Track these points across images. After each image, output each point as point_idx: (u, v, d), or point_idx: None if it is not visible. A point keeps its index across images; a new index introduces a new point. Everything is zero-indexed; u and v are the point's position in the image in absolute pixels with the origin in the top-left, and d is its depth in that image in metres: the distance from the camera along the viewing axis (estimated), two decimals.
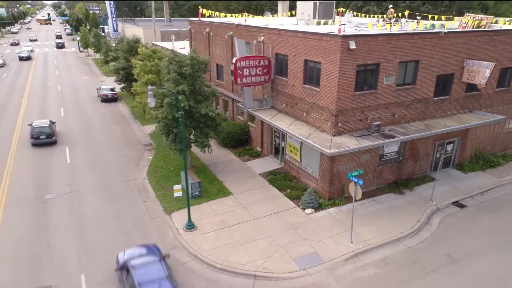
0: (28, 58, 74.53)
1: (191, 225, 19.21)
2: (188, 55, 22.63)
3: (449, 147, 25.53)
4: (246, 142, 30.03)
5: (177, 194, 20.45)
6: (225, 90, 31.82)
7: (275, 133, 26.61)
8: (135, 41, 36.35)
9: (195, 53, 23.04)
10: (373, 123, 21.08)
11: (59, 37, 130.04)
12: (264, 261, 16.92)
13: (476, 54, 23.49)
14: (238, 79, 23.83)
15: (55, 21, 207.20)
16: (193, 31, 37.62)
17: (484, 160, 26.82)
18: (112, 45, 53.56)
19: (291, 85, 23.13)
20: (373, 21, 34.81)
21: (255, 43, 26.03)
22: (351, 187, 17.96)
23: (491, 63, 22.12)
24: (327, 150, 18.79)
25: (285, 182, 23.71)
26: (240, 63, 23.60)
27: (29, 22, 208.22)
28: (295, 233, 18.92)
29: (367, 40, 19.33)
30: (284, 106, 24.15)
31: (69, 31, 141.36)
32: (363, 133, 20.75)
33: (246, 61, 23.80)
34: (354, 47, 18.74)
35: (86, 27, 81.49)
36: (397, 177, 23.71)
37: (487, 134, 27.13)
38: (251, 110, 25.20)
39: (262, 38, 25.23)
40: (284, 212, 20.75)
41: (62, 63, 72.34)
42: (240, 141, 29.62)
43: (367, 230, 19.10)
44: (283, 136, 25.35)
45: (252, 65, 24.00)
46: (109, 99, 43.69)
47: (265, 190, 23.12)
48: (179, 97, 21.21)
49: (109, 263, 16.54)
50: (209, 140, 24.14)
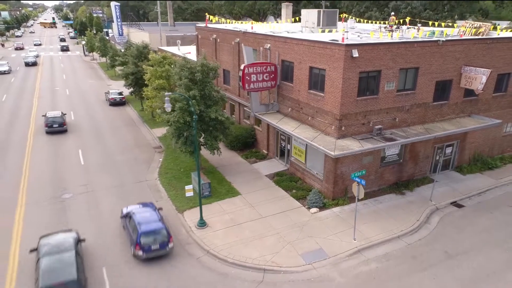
0: (34, 64, 74.50)
1: (203, 223, 20.51)
2: (199, 62, 23.99)
3: (448, 150, 26.79)
4: (253, 145, 31.37)
5: (189, 194, 21.88)
6: (232, 95, 33.17)
7: (281, 136, 27.93)
8: (144, 47, 37.82)
9: (205, 60, 24.40)
10: (375, 127, 22.37)
11: (63, 40, 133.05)
12: (273, 256, 18.19)
13: (474, 61, 24.78)
14: (246, 85, 25.17)
15: (58, 24, 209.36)
16: (200, 37, 39.01)
17: (482, 163, 28.06)
18: (121, 50, 55.04)
19: (297, 91, 24.47)
20: (375, 28, 36.24)
21: (262, 50, 27.39)
22: (354, 187, 19.25)
23: (488, 70, 23.41)
24: (332, 152, 20.11)
25: (291, 183, 25.01)
26: (248, 69, 24.95)
27: (32, 25, 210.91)
28: (301, 231, 20.19)
29: (369, 49, 20.66)
30: (290, 111, 25.48)
31: (73, 35, 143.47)
32: (366, 136, 22.05)
33: (254, 68, 25.15)
34: (357, 55, 20.06)
35: (92, 32, 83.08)
36: (398, 179, 24.98)
37: (485, 138, 28.37)
38: (258, 114, 26.54)
39: (269, 45, 26.59)
40: (290, 211, 22.03)
41: (68, 67, 73.97)
42: (247, 144, 30.96)
43: (369, 228, 20.35)
44: (289, 139, 26.67)
45: (259, 71, 25.34)
46: (117, 103, 45.18)
47: (272, 191, 24.43)
48: (191, 102, 22.55)
49: (127, 258, 17.90)
50: (218, 143, 25.45)
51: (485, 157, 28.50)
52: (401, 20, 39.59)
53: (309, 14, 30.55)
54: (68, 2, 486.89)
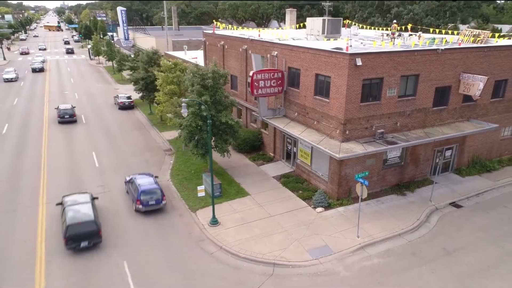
0: (41, 70, 73.60)
1: (215, 221, 21.95)
2: (210, 69, 25.50)
3: (448, 153, 28.17)
4: (259, 148, 32.83)
5: (201, 194, 23.35)
6: (239, 99, 34.61)
7: (287, 140, 29.39)
8: (154, 53, 39.39)
9: (216, 67, 25.90)
10: (377, 131, 23.81)
11: (67, 43, 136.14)
12: (282, 252, 19.61)
13: (472, 68, 26.21)
14: (255, 90, 26.63)
15: (63, 28, 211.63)
16: (208, 43, 40.54)
17: (481, 165, 29.44)
18: (130, 55, 56.67)
19: (303, 96, 25.94)
20: (378, 34, 37.75)
21: (269, 57, 28.89)
22: (358, 188, 20.68)
23: (485, 77, 24.85)
24: (337, 155, 21.55)
25: (297, 184, 26.44)
26: (256, 76, 26.43)
27: (35, 29, 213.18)
28: (308, 229, 21.60)
29: (372, 57, 22.13)
30: (296, 115, 26.93)
31: (77, 38, 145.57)
32: (368, 140, 23.49)
33: (262, 74, 26.62)
34: (361, 64, 21.52)
35: (98, 36, 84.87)
36: (400, 180, 26.39)
37: (484, 141, 29.77)
38: (266, 119, 28.01)
39: (276, 53, 28.08)
40: (297, 211, 23.46)
41: (75, 71, 75.69)
42: (254, 147, 32.42)
43: (372, 226, 21.76)
44: (295, 142, 28.12)
45: (267, 78, 26.82)
46: (126, 107, 46.75)
47: (279, 191, 25.86)
48: (203, 107, 24.05)
49: (147, 250, 19.38)
50: (228, 146, 26.91)
51: (484, 160, 29.88)
52: (403, 27, 41.09)
53: (314, 22, 32.04)
54: (70, 4, 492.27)
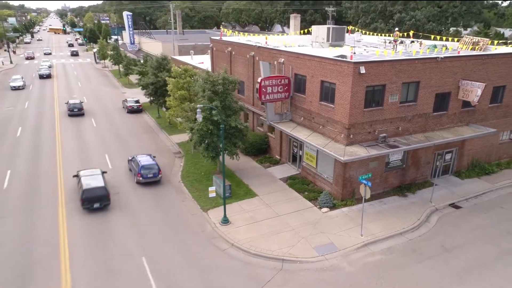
0: (49, 76, 72.80)
1: (226, 220, 23.39)
2: (220, 76, 27.00)
3: (448, 156, 29.59)
4: (266, 151, 34.29)
5: (212, 195, 24.83)
6: (246, 104, 36.03)
7: (293, 143, 30.85)
8: (163, 59, 40.97)
9: (226, 74, 27.40)
10: (380, 135, 25.24)
11: (71, 45, 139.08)
12: (290, 249, 21.02)
13: (471, 75, 27.62)
14: (262, 96, 28.11)
15: (68, 31, 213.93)
16: (215, 49, 42.07)
17: (480, 168, 30.83)
18: (139, 60, 58.31)
19: (309, 102, 27.41)
20: (380, 40, 39.25)
21: (276, 64, 30.37)
22: (362, 189, 22.12)
23: (482, 84, 26.28)
24: (341, 158, 23.00)
25: (303, 186, 27.88)
26: (264, 82, 27.92)
27: (38, 32, 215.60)
28: (314, 228, 23.02)
29: (375, 66, 23.59)
30: (302, 120, 28.40)
31: (81, 41, 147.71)
32: (371, 144, 24.92)
33: (269, 81, 28.10)
34: (364, 72, 22.99)
35: (104, 40, 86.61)
36: (401, 182, 27.80)
37: (483, 145, 31.16)
38: (273, 123, 29.48)
39: (283, 60, 29.58)
40: (304, 211, 24.89)
41: (82, 75, 77.42)
42: (261, 150, 33.89)
43: (375, 226, 23.16)
44: (301, 146, 29.58)
45: (274, 84, 28.29)
46: (135, 111, 48.32)
47: (286, 193, 27.30)
48: (214, 112, 25.55)
49: (164, 247, 20.85)
50: (237, 149, 28.37)
51: (483, 163, 31.26)
52: (405, 34, 42.57)
53: (319, 30, 33.57)
54: (71, 6, 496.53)
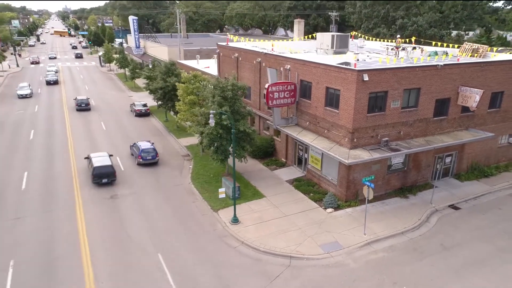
0: (56, 83, 72.00)
1: (236, 220, 24.82)
2: (230, 82, 28.47)
3: (448, 159, 30.98)
4: (272, 154, 35.73)
5: (221, 196, 26.30)
6: (252, 108, 37.48)
7: (299, 146, 32.29)
8: (172, 64, 42.52)
9: (235, 80, 28.88)
10: (382, 139, 26.65)
11: (75, 48, 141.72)
12: (297, 247, 22.42)
13: (469, 82, 29.02)
14: (270, 101, 29.57)
15: (72, 33, 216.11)
16: (222, 54, 43.59)
17: (479, 171, 32.19)
18: (148, 64, 59.87)
19: (314, 107, 28.86)
20: (383, 46, 40.71)
21: (283, 70, 31.84)
22: (365, 190, 23.53)
23: (480, 90, 27.68)
24: (346, 161, 24.43)
25: (308, 188, 29.30)
26: (271, 88, 29.38)
27: (41, 34, 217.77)
28: (319, 227, 24.43)
29: (377, 73, 25.04)
30: (308, 124, 29.84)
31: (85, 44, 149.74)
32: (374, 147, 26.34)
33: (276, 87, 29.56)
34: (367, 79, 24.44)
35: (109, 44, 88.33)
36: (403, 184, 29.19)
37: (482, 148, 32.53)
38: (280, 127, 30.93)
39: (289, 66, 31.05)
40: (309, 211, 26.30)
41: (88, 78, 79.13)
42: (267, 153, 35.33)
43: (377, 225, 24.55)
44: (306, 149, 31.01)
45: (281, 90, 29.74)
46: (143, 114, 49.89)
47: (292, 194, 28.72)
48: (224, 116, 27.02)
49: (178, 244, 22.29)
50: (245, 152, 29.80)
51: (482, 166, 32.63)
52: (407, 40, 44.04)
53: (324, 37, 35.06)
54: (72, 8, 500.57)
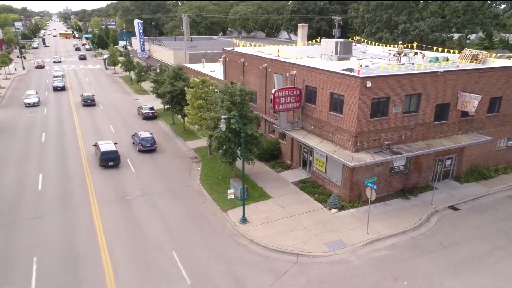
0: (63, 89, 71.17)
1: (245, 219, 26.25)
2: (238, 87, 29.95)
3: (448, 162, 32.37)
4: (277, 156, 37.18)
5: (230, 197, 27.71)
6: (259, 112, 38.97)
7: (304, 149, 33.73)
8: (180, 69, 44.08)
9: (243, 86, 30.36)
10: (385, 143, 28.06)
11: (78, 49, 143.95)
12: (303, 245, 23.84)
13: (469, 87, 30.40)
14: (276, 106, 31.01)
15: (75, 35, 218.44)
16: (228, 59, 45.09)
17: (478, 173, 33.55)
18: (155, 69, 61.54)
19: (319, 112, 30.30)
20: (385, 51, 42.14)
21: (288, 76, 33.30)
22: (368, 191, 24.95)
23: (479, 96, 29.07)
24: (349, 163, 25.86)
25: (313, 189, 30.73)
26: (278, 93, 30.82)
27: (43, 36, 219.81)
28: (324, 226, 25.84)
29: (380, 80, 26.47)
30: (313, 128, 31.27)
31: (88, 47, 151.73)
32: (377, 150, 27.75)
33: (282, 92, 30.99)
34: (370, 85, 25.87)
35: (114, 47, 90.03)
36: (404, 186, 30.60)
37: (481, 152, 33.89)
38: (286, 131, 32.38)
39: (294, 72, 32.50)
40: (314, 211, 27.72)
41: (94, 81, 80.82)
42: (273, 156, 36.78)
43: (380, 225, 25.95)
44: (311, 152, 32.44)
45: (287, 95, 31.17)
46: (150, 117, 51.45)
47: (298, 195, 30.15)
48: (232, 120, 28.49)
49: (191, 242, 23.75)
50: (253, 155, 31.25)
51: (481, 169, 33.99)
52: (409, 45, 45.46)
53: (328, 44, 36.50)
54: (73, 9, 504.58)
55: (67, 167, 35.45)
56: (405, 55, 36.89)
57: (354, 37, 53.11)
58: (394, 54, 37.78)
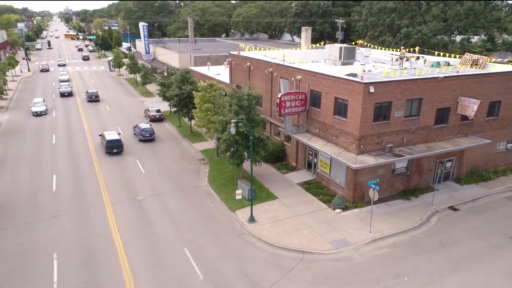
0: (70, 94, 69.96)
1: (253, 219, 27.69)
2: (245, 92, 31.43)
3: (448, 164, 33.76)
4: (283, 158, 38.63)
5: (238, 197, 29.17)
6: (264, 115, 40.45)
7: (309, 151, 35.17)
8: (187, 72, 45.59)
9: (250, 90, 31.82)
10: (387, 145, 29.48)
11: (81, 50, 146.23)
12: (309, 243, 25.27)
13: (468, 92, 31.80)
14: (282, 110, 32.45)
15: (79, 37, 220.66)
16: (234, 63, 46.56)
17: (478, 175, 34.93)
18: (162, 72, 63.14)
19: (324, 115, 31.74)
20: (388, 55, 43.54)
21: (294, 80, 34.76)
22: (371, 192, 26.37)
23: (478, 101, 30.45)
24: (353, 165, 27.30)
25: (318, 190, 32.17)
26: (284, 98, 32.27)
27: (45, 37, 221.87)
28: (329, 226, 27.26)
29: (382, 85, 27.88)
30: (318, 131, 32.71)
31: (91, 48, 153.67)
32: (379, 153, 29.17)
33: (288, 96, 32.45)
34: (373, 91, 27.30)
35: (118, 49, 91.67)
36: (406, 187, 32.01)
37: (481, 154, 35.27)
38: (291, 134, 33.83)
39: (300, 77, 33.97)
40: (319, 211, 29.15)
41: (99, 83, 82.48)
42: (278, 158, 38.24)
43: (382, 224, 27.36)
44: (316, 154, 33.89)
45: (293, 99, 32.63)
46: (157, 119, 53.00)
47: (303, 196, 31.59)
48: (240, 124, 29.94)
49: (201, 240, 25.22)
50: (259, 157, 32.70)
51: (481, 171, 35.37)
52: (411, 50, 46.86)
53: (332, 49, 37.94)
54: (74, 9, 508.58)
55: (79, 168, 36.96)
56: (407, 60, 38.27)
57: (358, 41, 54.50)
58: (397, 59, 39.20)
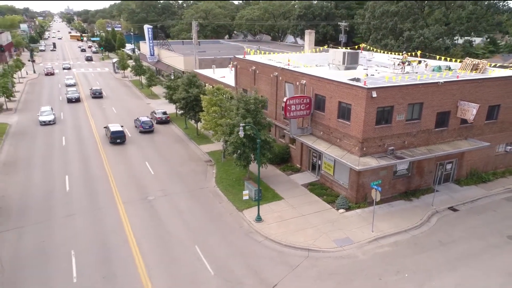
0: (78, 100, 69.06)
1: (259, 218, 29.07)
2: (252, 96, 32.84)
3: (448, 166, 35.07)
4: (287, 160, 40.00)
5: (245, 198, 30.56)
6: (269, 118, 41.84)
7: (313, 153, 36.54)
8: (193, 76, 47.05)
9: (257, 94, 33.23)
10: (389, 148, 30.83)
11: (84, 51, 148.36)
12: (313, 241, 26.62)
13: (468, 96, 33.10)
14: (287, 113, 33.84)
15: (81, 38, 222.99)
16: (239, 67, 47.93)
17: (478, 177, 36.22)
18: (168, 75, 64.71)
19: (328, 119, 33.11)
20: (390, 59, 44.87)
21: (299, 84, 36.14)
22: (373, 193, 27.73)
23: (477, 105, 31.79)
24: (356, 167, 28.66)
25: (322, 191, 33.53)
26: (289, 101, 33.66)
27: (48, 38, 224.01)
28: (332, 225, 28.61)
29: (385, 90, 29.22)
30: (322, 134, 34.09)
31: (95, 49, 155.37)
32: (381, 155, 30.52)
33: (293, 100, 33.84)
34: (376, 96, 28.66)
35: (123, 51, 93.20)
36: (407, 188, 33.35)
37: (480, 156, 36.57)
38: (296, 136, 35.22)
39: (304, 82, 35.35)
40: (323, 211, 30.51)
41: (104, 85, 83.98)
42: (283, 159, 39.62)
43: (384, 224, 28.70)
44: (320, 156, 35.26)
45: (298, 103, 34.01)
46: (163, 121, 54.47)
47: (307, 196, 32.95)
48: (247, 127, 31.36)
49: (211, 239, 26.61)
50: (266, 159, 34.08)
51: (480, 172, 36.67)
52: (413, 53, 48.20)
53: (336, 54, 39.29)
54: (75, 9, 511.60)
55: (90, 169, 38.43)
56: (409, 64, 39.64)
57: (361, 44, 55.87)
58: (399, 64, 40.57)
